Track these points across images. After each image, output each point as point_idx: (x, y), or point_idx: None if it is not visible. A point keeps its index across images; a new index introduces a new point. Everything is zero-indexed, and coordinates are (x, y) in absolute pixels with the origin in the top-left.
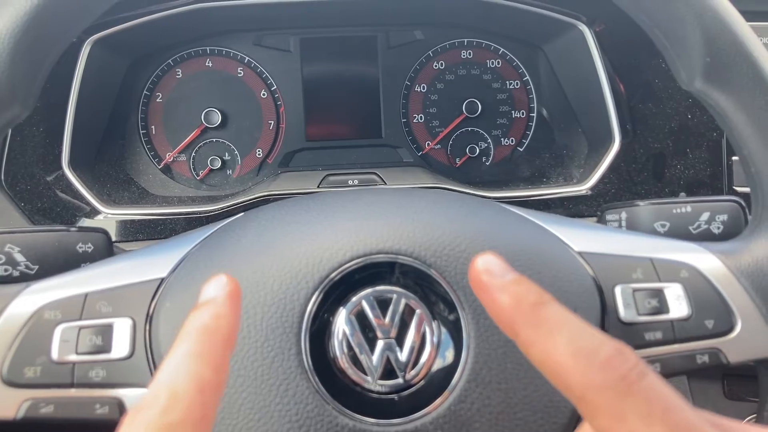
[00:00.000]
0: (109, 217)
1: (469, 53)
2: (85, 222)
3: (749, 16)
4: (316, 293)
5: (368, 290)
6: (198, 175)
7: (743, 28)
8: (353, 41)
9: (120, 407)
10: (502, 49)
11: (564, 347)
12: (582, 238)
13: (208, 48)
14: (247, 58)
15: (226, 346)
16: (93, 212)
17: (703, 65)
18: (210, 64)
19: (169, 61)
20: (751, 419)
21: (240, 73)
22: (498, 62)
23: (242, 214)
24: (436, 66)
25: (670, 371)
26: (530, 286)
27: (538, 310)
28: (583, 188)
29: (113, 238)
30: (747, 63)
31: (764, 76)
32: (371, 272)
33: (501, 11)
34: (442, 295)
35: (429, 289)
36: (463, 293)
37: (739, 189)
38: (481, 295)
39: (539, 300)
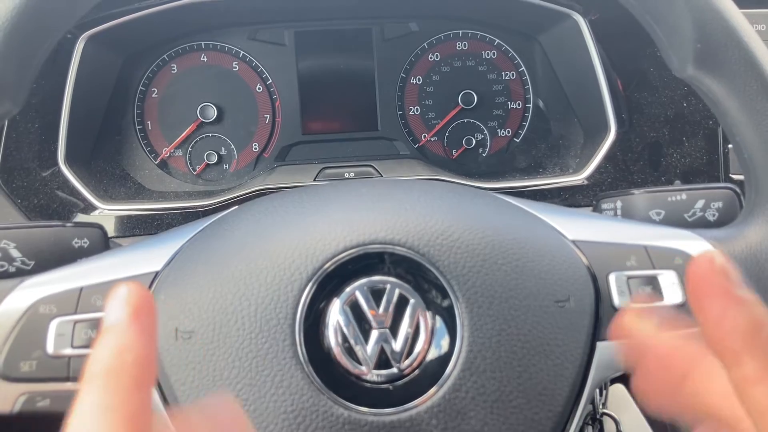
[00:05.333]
0: (105, 213)
1: (465, 44)
2: (81, 218)
3: (742, 3)
4: (310, 284)
5: (362, 281)
6: (194, 170)
7: (734, 13)
8: (348, 34)
9: None
10: (497, 40)
11: None
12: (576, 227)
13: (202, 43)
14: (242, 52)
15: (139, 386)
16: (89, 208)
17: (694, 51)
18: (205, 59)
19: (164, 56)
20: None
21: (235, 67)
22: (493, 53)
23: (236, 207)
24: (431, 58)
25: None
26: None
27: None
28: (580, 178)
29: (110, 234)
30: (738, 48)
31: (755, 61)
32: (365, 263)
33: (496, 1)
34: (435, 284)
35: (422, 278)
36: (457, 282)
37: (735, 177)
38: (709, 299)
39: None
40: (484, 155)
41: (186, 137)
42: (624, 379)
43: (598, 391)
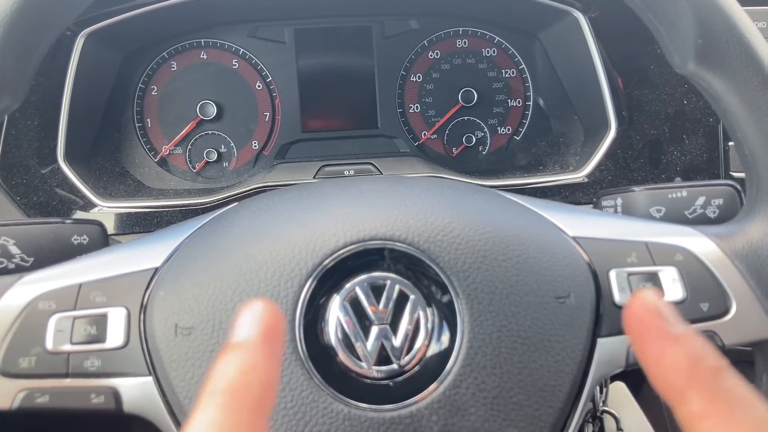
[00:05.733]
0: (104, 210)
1: (465, 42)
2: (81, 215)
3: (743, 0)
4: (310, 280)
5: (362, 277)
6: (194, 168)
7: (735, 9)
8: (348, 31)
9: (115, 396)
10: (497, 38)
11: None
12: (577, 224)
13: (202, 40)
14: (241, 50)
15: (259, 410)
16: (89, 205)
17: (695, 47)
18: (205, 57)
19: (164, 53)
20: None
21: (235, 65)
22: (493, 51)
23: (236, 203)
24: (431, 55)
25: None
26: (707, 344)
27: (719, 379)
28: (580, 176)
29: (109, 231)
30: (739, 44)
31: (757, 58)
32: (365, 259)
33: None
34: (435, 280)
35: (423, 274)
36: (457, 279)
37: (735, 174)
38: (647, 340)
39: (719, 365)
40: (484, 153)
41: (186, 135)
42: (624, 376)
43: (598, 388)
